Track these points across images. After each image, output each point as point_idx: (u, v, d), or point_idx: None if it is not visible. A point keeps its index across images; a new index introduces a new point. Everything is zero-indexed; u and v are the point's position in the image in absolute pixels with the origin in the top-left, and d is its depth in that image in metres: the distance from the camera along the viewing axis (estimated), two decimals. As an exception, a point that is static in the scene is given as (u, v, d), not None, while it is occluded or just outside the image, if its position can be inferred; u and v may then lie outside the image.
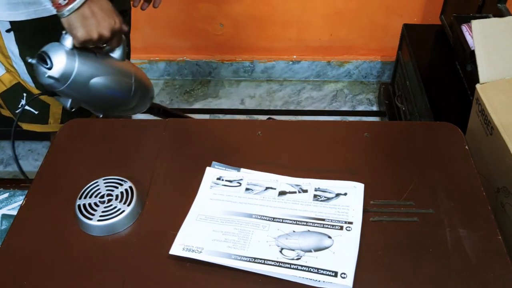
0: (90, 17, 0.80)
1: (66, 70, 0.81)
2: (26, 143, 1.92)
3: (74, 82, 0.83)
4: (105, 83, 0.87)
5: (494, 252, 0.70)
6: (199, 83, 2.22)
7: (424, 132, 0.92)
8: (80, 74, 0.83)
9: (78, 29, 0.80)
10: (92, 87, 0.85)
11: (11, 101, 1.04)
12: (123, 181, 0.79)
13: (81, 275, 0.69)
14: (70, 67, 0.82)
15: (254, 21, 2.04)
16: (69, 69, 0.82)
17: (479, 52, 1.07)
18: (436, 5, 1.80)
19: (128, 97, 0.93)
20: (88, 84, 0.85)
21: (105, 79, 0.87)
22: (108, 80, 0.88)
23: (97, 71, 0.86)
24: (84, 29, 0.80)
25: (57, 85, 0.83)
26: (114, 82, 0.89)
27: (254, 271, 0.68)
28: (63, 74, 0.81)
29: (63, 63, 0.81)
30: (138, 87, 0.94)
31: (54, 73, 0.81)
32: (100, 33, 0.82)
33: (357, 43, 2.11)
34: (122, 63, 0.92)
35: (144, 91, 0.98)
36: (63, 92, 0.84)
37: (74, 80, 0.83)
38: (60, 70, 0.81)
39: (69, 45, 0.81)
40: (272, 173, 0.83)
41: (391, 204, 0.77)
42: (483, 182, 0.80)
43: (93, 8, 0.80)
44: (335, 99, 2.13)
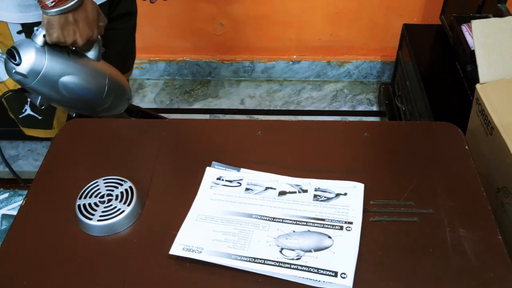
0: (72, 23, 0.81)
1: (34, 66, 0.81)
2: (26, 143, 1.92)
3: (43, 79, 0.82)
4: (76, 82, 0.86)
5: (494, 252, 0.70)
6: (199, 83, 2.22)
7: (424, 132, 0.92)
8: (49, 71, 0.82)
9: (55, 30, 0.80)
10: (62, 85, 0.84)
11: (15, 105, 1.04)
12: (123, 181, 0.79)
13: (81, 275, 0.69)
14: (38, 64, 0.81)
15: (254, 21, 2.04)
16: (37, 66, 0.81)
17: (479, 52, 1.08)
18: (436, 5, 1.81)
19: (101, 98, 0.92)
20: (58, 82, 0.84)
21: (75, 78, 0.86)
22: (79, 79, 0.86)
23: (68, 70, 0.85)
24: (61, 32, 0.80)
25: (26, 81, 0.82)
26: (85, 81, 0.88)
27: (254, 271, 0.68)
28: (31, 70, 0.81)
29: (31, 60, 0.80)
30: (112, 88, 0.93)
31: (22, 69, 0.80)
32: (74, 40, 0.83)
33: (357, 43, 2.11)
34: (96, 63, 0.91)
35: (119, 92, 0.97)
36: (32, 89, 0.83)
37: (43, 77, 0.82)
38: (28, 67, 0.80)
39: (40, 42, 0.81)
40: (272, 173, 0.83)
41: (391, 204, 0.77)
42: (483, 182, 0.80)
43: (78, 16, 0.81)
44: (335, 99, 2.13)
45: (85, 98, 0.90)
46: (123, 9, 1.12)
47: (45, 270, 0.71)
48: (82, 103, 0.92)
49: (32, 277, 0.70)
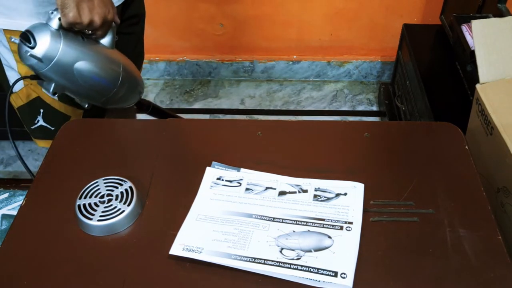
0: (86, 1, 0.79)
1: (49, 50, 0.79)
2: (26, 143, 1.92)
3: (57, 63, 0.80)
4: (91, 68, 0.84)
5: (494, 252, 0.70)
6: (199, 83, 2.22)
7: (424, 132, 0.92)
8: (64, 56, 0.80)
9: (70, 9, 0.78)
10: (76, 71, 0.82)
11: (27, 116, 1.03)
12: (123, 181, 0.79)
13: (81, 275, 0.69)
14: (54, 47, 0.79)
15: (254, 21, 2.04)
16: (53, 49, 0.79)
17: (479, 52, 1.07)
18: (436, 5, 1.81)
19: (114, 86, 0.90)
20: (73, 68, 0.82)
21: (90, 64, 0.84)
22: (94, 66, 0.85)
23: (83, 55, 0.83)
24: (77, 10, 0.78)
25: (40, 66, 0.80)
26: (100, 69, 0.86)
27: (254, 271, 0.68)
28: (46, 54, 0.79)
29: (47, 43, 0.78)
30: (126, 78, 0.92)
31: (37, 53, 0.78)
32: (91, 19, 0.80)
33: (357, 43, 2.11)
34: (111, 51, 0.89)
35: (132, 83, 0.96)
36: (45, 74, 0.82)
37: (58, 61, 0.80)
38: (44, 50, 0.78)
39: (56, 26, 0.79)
40: (272, 173, 0.83)
41: (391, 204, 0.77)
42: (483, 182, 0.80)
43: None
44: (335, 99, 2.13)
45: (99, 86, 0.88)
46: (133, 11, 1.12)
47: (45, 270, 0.71)
48: (96, 91, 0.90)
49: (32, 277, 0.70)
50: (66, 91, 0.88)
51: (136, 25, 1.17)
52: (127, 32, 1.12)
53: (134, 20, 1.15)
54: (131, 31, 1.16)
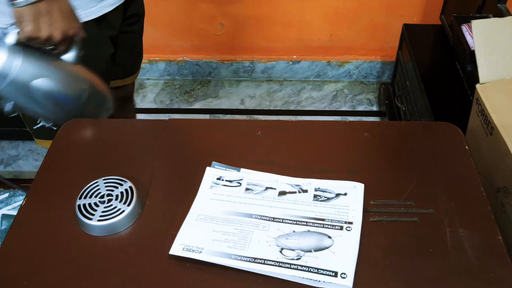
0: (45, 14, 0.75)
1: (3, 67, 0.75)
2: (26, 143, 1.93)
3: (13, 81, 0.76)
4: (51, 85, 0.80)
5: (494, 252, 0.70)
6: (199, 83, 2.22)
7: (424, 132, 0.92)
8: (20, 73, 0.76)
9: (28, 23, 0.74)
10: (34, 89, 0.78)
11: (29, 117, 1.03)
12: (123, 181, 0.79)
13: (81, 275, 0.69)
14: (8, 64, 0.75)
15: (254, 21, 2.04)
16: (7, 67, 0.75)
17: (479, 52, 1.07)
18: (436, 5, 1.81)
19: (78, 104, 0.86)
20: (30, 85, 0.77)
21: (50, 81, 0.79)
22: (54, 83, 0.80)
23: (42, 72, 0.78)
24: (35, 25, 0.75)
25: None
26: (61, 85, 0.82)
27: (254, 271, 0.68)
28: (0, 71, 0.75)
29: (1, 60, 0.74)
30: (92, 95, 0.88)
31: None
32: (50, 34, 0.77)
33: (357, 43, 2.11)
34: (75, 67, 0.85)
35: (99, 100, 0.92)
36: (1, 92, 0.77)
37: (14, 79, 0.76)
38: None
39: (12, 41, 0.75)
40: (272, 173, 0.83)
41: (391, 204, 0.77)
42: (483, 182, 0.80)
43: (51, 6, 0.75)
44: (335, 99, 2.13)
45: (61, 104, 0.84)
46: (132, 11, 1.12)
47: (45, 270, 0.71)
48: (58, 109, 0.85)
49: (32, 277, 0.70)
50: (26, 111, 0.84)
51: (136, 24, 1.17)
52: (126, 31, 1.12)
53: (134, 19, 1.15)
54: (130, 30, 1.16)
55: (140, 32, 1.22)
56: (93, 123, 0.98)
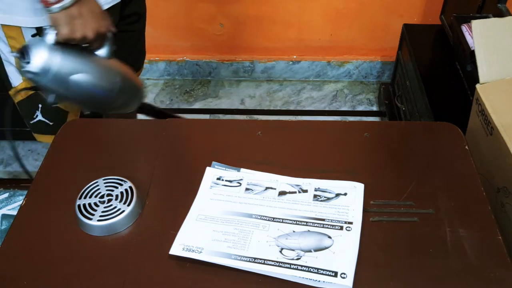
0: (77, 17, 0.81)
1: (45, 65, 0.81)
2: (26, 143, 1.92)
3: (54, 77, 0.83)
4: (87, 79, 0.86)
5: (494, 252, 0.70)
6: (199, 83, 2.22)
7: (424, 132, 0.92)
8: (60, 69, 0.83)
9: (63, 27, 0.81)
10: (73, 83, 0.85)
11: (27, 111, 1.04)
12: (123, 181, 0.79)
13: (81, 275, 0.70)
14: (49, 62, 0.82)
15: (254, 21, 2.04)
16: (48, 64, 0.82)
17: (479, 52, 1.07)
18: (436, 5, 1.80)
19: (113, 95, 0.92)
20: (69, 80, 0.84)
21: (87, 75, 0.86)
22: (90, 77, 0.87)
23: (79, 68, 0.85)
24: (69, 28, 0.81)
25: (37, 79, 0.83)
26: (96, 79, 0.88)
27: (254, 271, 0.68)
28: (42, 69, 0.81)
29: (42, 59, 0.81)
30: (125, 86, 0.93)
31: (32, 68, 0.81)
32: (84, 34, 0.83)
33: (357, 43, 2.11)
34: (108, 62, 0.91)
35: (132, 91, 0.97)
36: (44, 86, 0.85)
37: (54, 75, 0.82)
38: (38, 65, 0.81)
39: (51, 41, 0.82)
40: (272, 173, 0.83)
41: (391, 204, 0.77)
42: (483, 182, 0.80)
43: (81, 9, 0.81)
44: (335, 99, 2.13)
45: (97, 96, 0.91)
46: (132, 10, 1.12)
47: (45, 270, 0.71)
48: (94, 101, 0.92)
49: (32, 277, 0.70)
50: (65, 101, 0.91)
51: (136, 23, 1.17)
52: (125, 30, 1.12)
53: (134, 18, 1.15)
54: (130, 29, 1.16)
55: (141, 30, 1.23)
56: (93, 123, 0.99)
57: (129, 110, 1.01)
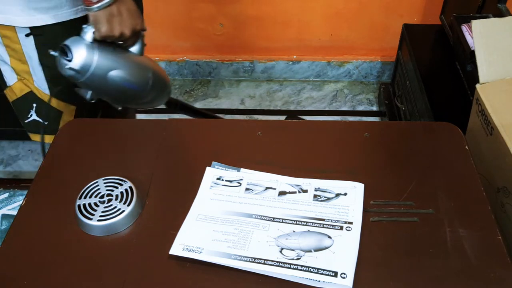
0: (117, 15, 0.85)
1: (85, 62, 0.85)
2: (26, 143, 1.92)
3: (93, 74, 0.86)
4: (123, 76, 0.90)
5: (494, 252, 0.70)
6: (199, 83, 2.22)
7: (424, 132, 0.92)
8: (99, 66, 0.86)
9: (102, 24, 0.84)
10: (110, 79, 0.88)
11: (21, 111, 1.05)
12: (123, 181, 0.79)
13: (81, 275, 0.69)
14: (89, 59, 0.85)
15: (254, 21, 2.04)
16: (88, 61, 0.85)
17: (479, 52, 1.07)
18: (436, 5, 1.81)
19: (145, 90, 0.96)
20: (107, 76, 0.88)
21: (123, 72, 0.90)
22: (126, 74, 0.91)
23: (115, 64, 0.89)
24: (109, 25, 0.84)
25: (77, 76, 0.86)
26: (131, 75, 0.92)
27: (254, 271, 0.68)
28: (82, 66, 0.85)
29: (83, 56, 0.84)
30: (155, 82, 0.97)
31: (74, 65, 0.84)
32: (121, 32, 0.86)
33: (357, 43, 2.11)
34: (140, 58, 0.95)
35: (161, 85, 1.01)
36: (83, 83, 0.88)
37: (93, 72, 0.86)
38: (80, 62, 0.84)
39: (89, 39, 0.85)
40: (272, 173, 0.83)
41: (391, 204, 0.77)
42: (483, 182, 0.80)
43: (120, 7, 0.85)
44: (335, 99, 2.13)
45: (130, 90, 0.94)
46: None
47: (45, 270, 0.71)
48: (128, 95, 0.96)
49: (32, 277, 0.70)
50: (101, 97, 0.94)
51: None
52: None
53: None
54: None
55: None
56: (93, 123, 0.99)
57: (158, 105, 1.05)
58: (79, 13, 0.94)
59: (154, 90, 0.98)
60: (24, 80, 0.99)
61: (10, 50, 0.95)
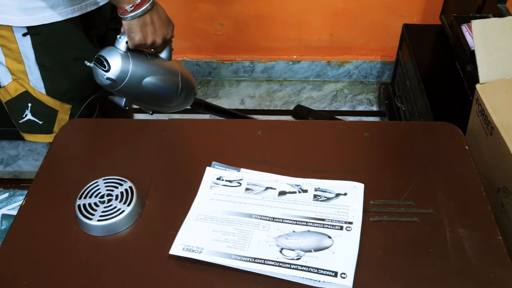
0: (149, 24, 0.87)
1: (122, 71, 0.87)
2: (26, 143, 1.92)
3: (128, 82, 0.88)
4: (156, 82, 0.92)
5: (494, 252, 0.70)
6: (199, 83, 2.22)
7: (424, 132, 0.92)
8: (134, 75, 0.88)
9: (136, 33, 0.86)
10: (144, 86, 0.91)
11: (16, 111, 1.04)
12: (123, 181, 0.79)
13: (81, 275, 0.70)
14: (125, 68, 0.87)
15: (254, 21, 2.04)
16: (124, 70, 0.87)
17: (479, 52, 1.07)
18: (436, 5, 1.80)
19: (176, 94, 0.99)
20: (141, 84, 0.90)
21: (156, 78, 0.92)
22: (159, 80, 0.93)
23: (149, 72, 0.91)
24: (142, 34, 0.87)
25: (114, 85, 0.88)
26: (164, 81, 0.95)
27: (254, 271, 0.68)
28: (119, 75, 0.87)
29: (119, 65, 0.87)
30: (184, 84, 0.99)
31: (111, 75, 0.87)
32: (154, 40, 0.89)
33: (357, 43, 2.11)
34: (169, 63, 0.97)
35: (189, 87, 1.03)
36: (119, 91, 0.90)
37: (129, 80, 0.88)
38: (117, 72, 0.87)
39: (123, 48, 0.88)
40: (272, 173, 0.83)
41: (391, 204, 0.77)
42: (483, 182, 0.80)
43: (153, 16, 0.87)
44: (335, 99, 2.13)
45: (163, 95, 0.97)
46: None
47: (45, 270, 0.71)
48: (161, 100, 0.99)
49: (32, 277, 0.70)
50: (135, 103, 0.96)
51: None
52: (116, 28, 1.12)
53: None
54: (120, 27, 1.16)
55: None
56: (93, 123, 0.99)
57: (186, 106, 1.07)
58: (75, 12, 0.94)
59: (184, 92, 1.00)
60: (19, 80, 0.99)
61: (6, 50, 0.95)
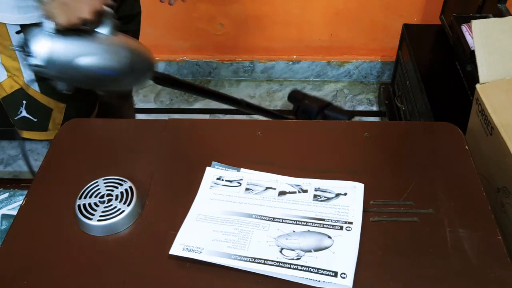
0: (69, 2, 0.79)
1: (47, 55, 0.81)
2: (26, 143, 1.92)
3: (59, 65, 0.82)
4: (92, 61, 0.85)
5: (494, 252, 0.70)
6: (199, 83, 2.22)
7: (424, 132, 0.92)
8: (63, 56, 0.82)
9: (58, 16, 0.79)
10: (79, 68, 0.83)
11: (11, 107, 1.05)
12: (123, 181, 0.79)
13: (81, 275, 0.69)
14: (50, 51, 0.81)
15: (254, 21, 2.04)
16: (50, 53, 0.81)
17: (479, 52, 1.07)
18: (436, 5, 1.81)
19: (123, 73, 0.90)
20: (74, 65, 0.83)
21: (91, 57, 0.84)
22: (95, 58, 0.85)
23: (81, 51, 0.83)
24: (65, 15, 0.79)
25: (43, 70, 0.82)
26: (102, 59, 0.86)
27: (254, 271, 0.68)
28: (45, 59, 0.81)
29: (43, 49, 0.80)
30: (136, 61, 0.91)
31: (36, 60, 0.81)
32: (81, 18, 0.81)
33: (357, 43, 2.11)
34: (111, 38, 0.88)
35: (143, 64, 0.95)
36: (52, 76, 0.84)
37: (59, 63, 0.82)
38: (42, 56, 0.80)
39: (50, 30, 0.81)
40: (272, 173, 0.83)
41: (391, 204, 0.77)
42: (483, 182, 0.80)
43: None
44: (335, 99, 2.13)
45: (106, 76, 0.89)
46: (123, 12, 1.12)
47: (45, 270, 0.71)
48: (105, 81, 0.91)
49: (32, 277, 0.70)
50: (78, 86, 0.90)
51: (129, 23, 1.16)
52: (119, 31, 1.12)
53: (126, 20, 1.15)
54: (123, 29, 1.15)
55: (135, 31, 1.21)
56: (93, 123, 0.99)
57: (141, 85, 0.99)
58: None
59: (134, 70, 0.91)
60: (14, 77, 0.99)
61: (1, 46, 0.95)
